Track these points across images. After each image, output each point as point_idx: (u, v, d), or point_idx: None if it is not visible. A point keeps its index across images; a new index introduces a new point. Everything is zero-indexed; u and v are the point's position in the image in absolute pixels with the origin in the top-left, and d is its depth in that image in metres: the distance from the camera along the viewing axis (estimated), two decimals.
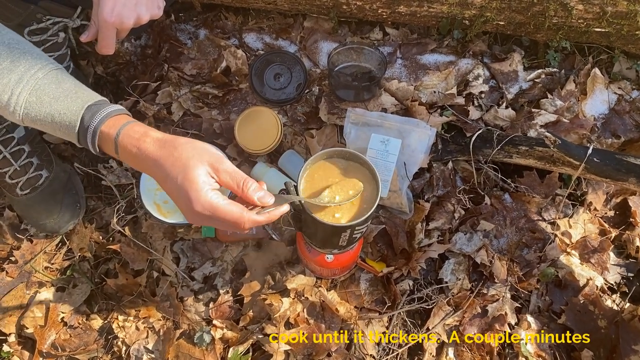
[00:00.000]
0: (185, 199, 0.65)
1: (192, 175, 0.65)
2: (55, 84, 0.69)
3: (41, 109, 0.68)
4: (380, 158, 1.13)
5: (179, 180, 0.65)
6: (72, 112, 0.68)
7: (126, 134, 0.68)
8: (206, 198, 0.65)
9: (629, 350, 1.01)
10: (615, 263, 1.15)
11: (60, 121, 0.68)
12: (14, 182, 1.11)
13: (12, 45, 0.69)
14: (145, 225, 1.17)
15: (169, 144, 0.67)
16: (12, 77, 0.67)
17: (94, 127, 0.68)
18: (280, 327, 1.05)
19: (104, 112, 0.69)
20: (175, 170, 0.65)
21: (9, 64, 0.67)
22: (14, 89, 0.67)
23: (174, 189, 0.66)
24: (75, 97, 0.69)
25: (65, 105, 0.68)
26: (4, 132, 1.05)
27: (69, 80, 0.71)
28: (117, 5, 0.82)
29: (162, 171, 0.66)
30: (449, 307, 1.09)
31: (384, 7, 1.19)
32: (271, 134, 1.17)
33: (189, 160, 0.65)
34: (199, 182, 0.65)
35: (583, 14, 1.13)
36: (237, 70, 1.27)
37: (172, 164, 0.66)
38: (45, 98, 0.68)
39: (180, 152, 0.66)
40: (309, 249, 0.99)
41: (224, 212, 0.65)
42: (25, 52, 0.69)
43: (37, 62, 0.69)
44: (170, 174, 0.66)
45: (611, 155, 1.03)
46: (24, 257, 1.18)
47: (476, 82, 1.26)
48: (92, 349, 1.10)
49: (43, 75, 0.69)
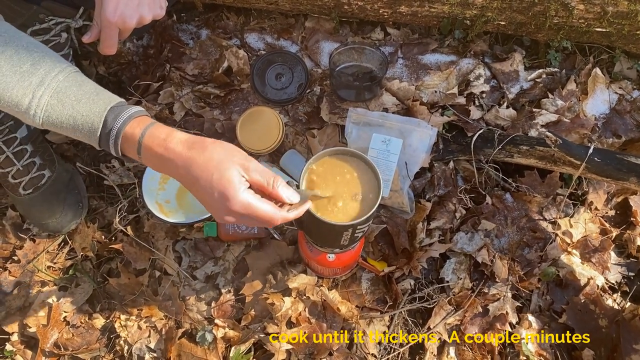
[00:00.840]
0: (222, 198, 0.66)
1: (228, 175, 0.66)
2: (76, 87, 0.69)
3: (63, 112, 0.68)
4: (382, 158, 1.13)
5: (214, 181, 0.66)
6: (95, 113, 0.68)
7: (151, 135, 0.68)
8: (243, 197, 0.66)
9: (629, 349, 1.02)
10: (616, 262, 1.15)
11: (83, 123, 0.68)
12: (16, 182, 1.11)
13: (30, 48, 0.69)
14: (148, 224, 1.18)
15: (198, 144, 0.68)
16: (34, 80, 0.67)
17: (117, 129, 0.68)
18: (281, 326, 1.05)
19: (127, 114, 0.69)
20: (207, 171, 0.66)
21: (29, 67, 0.67)
22: (35, 92, 0.67)
23: (207, 190, 0.67)
24: (97, 99, 0.69)
25: (87, 107, 0.68)
26: (7, 132, 1.06)
27: (89, 83, 0.71)
28: (120, 6, 0.83)
29: (191, 172, 0.67)
30: (450, 307, 1.09)
31: (385, 7, 1.19)
32: (273, 134, 1.17)
33: (221, 161, 0.67)
34: (235, 182, 0.66)
35: (584, 14, 1.13)
36: (238, 70, 1.27)
37: (203, 164, 0.66)
38: (67, 100, 0.68)
39: (211, 152, 0.67)
40: (310, 248, 0.99)
41: (259, 210, 0.67)
42: (44, 55, 0.69)
43: (57, 65, 0.69)
44: (203, 176, 0.66)
45: (612, 154, 1.03)
46: (26, 257, 1.18)
47: (477, 82, 1.26)
48: (95, 348, 1.10)
49: (64, 78, 0.68)
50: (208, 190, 0.67)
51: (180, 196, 1.17)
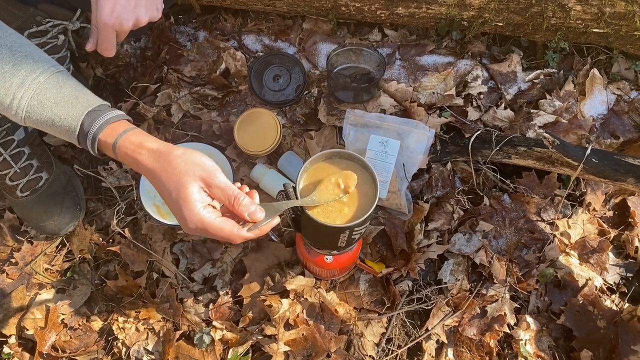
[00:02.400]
0: (180, 215, 0.67)
1: (184, 194, 0.66)
2: (56, 89, 0.70)
3: (42, 113, 0.69)
4: (379, 159, 1.13)
5: (172, 197, 0.67)
6: (72, 117, 0.69)
7: (122, 145, 0.69)
8: (198, 216, 0.66)
9: (628, 350, 1.02)
10: (614, 263, 1.15)
11: (61, 126, 0.69)
12: (14, 184, 1.11)
13: (14, 48, 0.70)
14: (145, 226, 1.17)
15: (163, 157, 0.68)
16: (14, 80, 0.68)
17: (92, 134, 0.69)
18: (279, 328, 1.05)
19: (103, 119, 0.70)
20: (169, 186, 0.67)
21: (10, 67, 0.68)
22: (15, 93, 0.68)
23: (170, 203, 0.68)
24: (76, 103, 0.70)
25: (65, 110, 0.69)
26: (4, 134, 1.05)
27: (70, 84, 0.71)
28: (116, 8, 0.83)
29: (159, 184, 0.68)
30: (448, 308, 1.09)
31: (382, 8, 1.19)
32: (270, 136, 1.17)
33: (181, 176, 0.67)
34: (192, 201, 0.66)
35: (581, 15, 1.14)
36: (236, 72, 1.27)
37: (167, 178, 0.67)
38: (46, 102, 0.69)
39: (174, 166, 0.67)
40: (308, 250, 0.99)
41: (215, 229, 0.67)
42: (27, 55, 0.70)
43: (39, 66, 0.70)
44: (165, 189, 0.68)
45: (610, 155, 1.03)
46: (24, 259, 1.18)
47: (475, 83, 1.26)
48: (92, 350, 1.10)
49: (45, 80, 0.69)
50: (170, 204, 0.68)
51: None
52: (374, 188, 0.79)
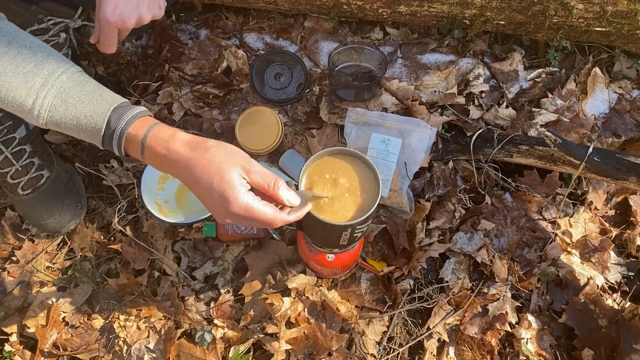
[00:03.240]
0: (222, 200, 0.67)
1: (228, 178, 0.66)
2: (79, 87, 0.69)
3: (67, 112, 0.68)
4: (381, 157, 1.13)
5: (214, 183, 0.66)
6: (99, 114, 0.68)
7: (154, 136, 0.69)
8: (243, 199, 0.66)
9: (629, 349, 1.02)
10: (615, 262, 1.15)
11: (86, 124, 0.69)
12: (15, 182, 1.11)
13: (34, 48, 0.69)
14: (147, 225, 1.17)
15: (200, 146, 0.68)
16: (37, 80, 0.67)
17: (120, 129, 0.68)
18: (281, 326, 1.05)
19: (131, 114, 0.69)
20: (208, 173, 0.67)
21: (32, 67, 0.67)
22: (39, 92, 0.67)
23: (208, 192, 0.67)
24: (101, 99, 0.69)
25: (91, 107, 0.68)
26: (5, 132, 1.05)
27: (92, 83, 0.71)
28: (119, 6, 0.83)
29: (193, 173, 0.68)
30: (449, 307, 1.09)
31: (384, 6, 1.19)
32: (272, 134, 1.17)
33: (222, 163, 0.67)
34: (236, 185, 0.66)
35: (583, 14, 1.13)
36: (237, 70, 1.27)
37: (205, 166, 0.67)
38: (70, 101, 0.68)
39: (213, 154, 0.67)
40: (309, 248, 0.99)
41: (259, 212, 0.67)
42: (47, 55, 0.70)
43: (61, 65, 0.69)
44: (204, 177, 0.67)
45: (611, 154, 1.03)
46: (25, 257, 1.18)
47: (476, 82, 1.26)
48: (94, 348, 1.10)
49: (67, 78, 0.69)
50: (209, 192, 0.67)
51: (180, 196, 1.17)
52: (376, 186, 0.79)
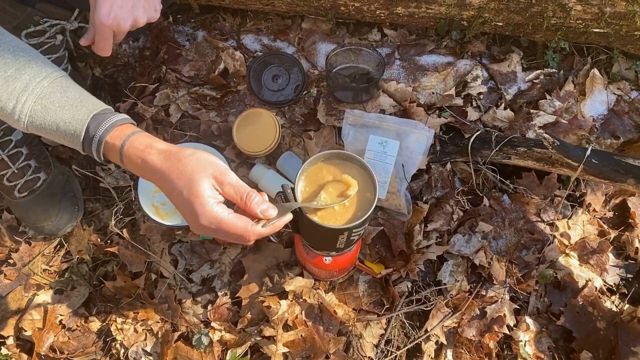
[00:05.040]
0: (192, 212, 0.66)
1: (196, 189, 0.65)
2: (60, 93, 0.69)
3: (46, 118, 0.68)
4: (379, 159, 1.13)
5: (184, 194, 0.66)
6: (78, 121, 0.68)
7: (131, 145, 0.68)
8: (212, 212, 0.65)
9: (628, 351, 1.01)
10: (614, 264, 1.15)
11: (65, 130, 0.68)
12: (12, 185, 1.11)
13: (17, 52, 0.69)
14: (144, 227, 1.17)
15: (174, 156, 0.67)
16: (18, 85, 0.67)
17: (99, 137, 0.68)
18: (278, 329, 1.04)
19: (109, 122, 0.69)
20: (180, 183, 0.66)
21: (14, 72, 0.67)
22: (19, 97, 0.67)
23: (180, 202, 0.67)
24: (81, 106, 0.69)
25: (70, 114, 0.68)
26: (2, 134, 1.05)
27: (74, 89, 0.71)
28: (114, 8, 0.82)
29: (168, 183, 0.67)
30: (447, 309, 1.09)
31: (382, 8, 1.19)
32: (269, 136, 1.16)
33: (193, 173, 0.66)
34: (205, 196, 0.65)
35: (581, 15, 1.13)
36: (235, 71, 1.27)
37: (177, 176, 0.66)
38: (50, 107, 0.68)
39: (185, 164, 0.67)
40: (307, 251, 0.99)
41: (228, 225, 0.66)
42: (30, 59, 0.69)
43: (43, 70, 0.69)
44: (176, 187, 0.66)
45: (610, 156, 1.03)
46: (22, 260, 1.18)
47: (474, 83, 1.25)
48: (91, 351, 1.10)
49: (48, 84, 0.68)
50: (181, 203, 0.67)
51: None
52: (373, 189, 0.79)
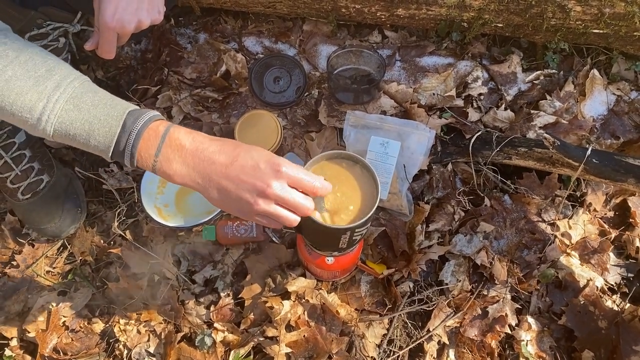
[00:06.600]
0: (271, 165, 0.67)
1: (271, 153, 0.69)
2: (92, 93, 0.68)
3: (79, 117, 0.67)
4: (380, 160, 1.14)
5: (264, 155, 0.68)
6: (113, 117, 0.67)
7: (176, 129, 0.69)
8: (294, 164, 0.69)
9: (629, 350, 1.01)
10: (615, 264, 1.15)
11: (99, 128, 0.67)
12: (15, 187, 1.11)
13: (44, 56, 0.69)
14: (146, 229, 1.18)
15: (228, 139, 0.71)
16: (49, 84, 0.66)
17: (137, 130, 0.67)
18: (281, 329, 1.05)
19: (147, 116, 0.69)
20: (249, 150, 0.68)
21: (44, 72, 0.67)
22: (50, 96, 0.66)
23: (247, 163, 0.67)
24: (115, 104, 0.69)
25: (105, 111, 0.67)
26: (5, 137, 1.06)
27: (103, 91, 0.71)
28: (118, 11, 0.83)
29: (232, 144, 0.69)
30: (449, 309, 1.09)
31: (382, 10, 1.20)
32: (271, 137, 1.17)
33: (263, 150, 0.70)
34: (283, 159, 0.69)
35: (581, 16, 1.14)
36: (236, 73, 1.27)
37: (245, 148, 0.69)
38: (83, 105, 0.67)
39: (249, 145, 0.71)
40: (309, 252, 0.99)
41: (305, 184, 0.69)
42: (58, 62, 0.69)
43: (72, 72, 0.69)
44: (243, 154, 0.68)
45: (610, 156, 1.03)
46: (25, 262, 1.18)
47: (475, 84, 1.26)
48: (94, 352, 1.10)
49: (79, 84, 0.68)
50: (249, 163, 0.67)
51: (179, 200, 1.17)
52: (374, 189, 0.79)
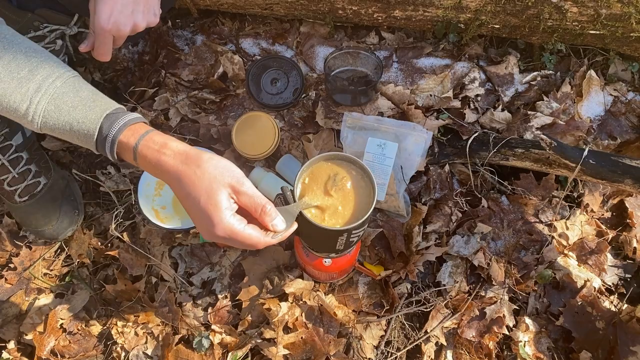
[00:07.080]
0: (207, 222, 0.66)
1: (214, 200, 0.65)
2: (73, 93, 0.69)
3: (60, 118, 0.68)
4: (377, 162, 1.14)
5: (201, 203, 0.65)
6: (91, 120, 0.68)
7: (145, 145, 0.68)
8: (228, 224, 0.66)
9: (626, 351, 1.02)
10: (612, 264, 1.15)
11: (79, 130, 0.69)
12: (12, 189, 1.11)
13: (29, 53, 0.70)
14: (144, 231, 1.17)
15: (192, 160, 0.67)
16: (31, 86, 0.67)
17: (112, 136, 0.68)
18: (278, 331, 1.05)
19: (122, 121, 0.69)
20: (197, 191, 0.66)
21: (27, 73, 0.68)
22: (32, 98, 0.67)
23: (195, 209, 0.67)
24: (94, 106, 0.69)
25: (83, 114, 0.68)
26: (2, 139, 1.06)
27: (86, 88, 0.71)
28: (114, 13, 0.83)
29: (183, 188, 0.67)
30: (447, 310, 1.09)
31: (379, 11, 1.20)
32: (268, 139, 1.17)
33: (212, 182, 0.66)
34: (222, 208, 0.65)
35: (577, 17, 1.14)
36: (234, 75, 1.27)
37: (194, 183, 0.66)
38: (63, 107, 0.68)
39: (203, 170, 0.66)
40: (306, 253, 0.99)
41: (243, 237, 0.67)
42: (42, 60, 0.70)
43: (55, 71, 0.69)
44: (192, 194, 0.66)
45: (607, 157, 1.03)
46: (23, 264, 1.18)
47: (472, 85, 1.26)
48: (92, 355, 1.10)
49: (61, 84, 0.69)
50: (196, 211, 0.67)
51: (177, 202, 1.17)
52: (371, 190, 0.79)
